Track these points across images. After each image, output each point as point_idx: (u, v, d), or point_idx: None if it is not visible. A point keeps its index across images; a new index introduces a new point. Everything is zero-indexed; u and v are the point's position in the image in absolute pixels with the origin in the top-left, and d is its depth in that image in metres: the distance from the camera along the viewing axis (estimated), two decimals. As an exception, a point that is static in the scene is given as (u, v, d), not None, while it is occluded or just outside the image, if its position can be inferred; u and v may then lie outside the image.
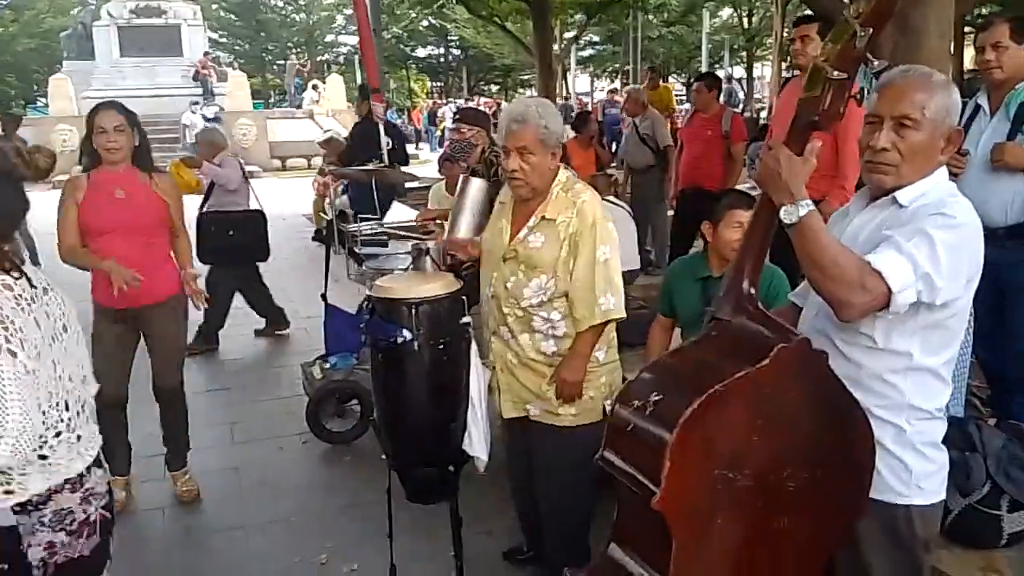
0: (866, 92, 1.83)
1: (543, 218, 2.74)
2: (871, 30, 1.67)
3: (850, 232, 1.90)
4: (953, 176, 2.96)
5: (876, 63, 1.70)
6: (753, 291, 1.84)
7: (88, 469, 1.89)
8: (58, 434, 1.84)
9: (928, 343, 1.81)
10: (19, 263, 1.85)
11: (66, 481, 1.84)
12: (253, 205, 6.35)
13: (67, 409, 1.88)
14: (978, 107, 3.58)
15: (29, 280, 1.84)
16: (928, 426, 1.87)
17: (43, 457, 1.81)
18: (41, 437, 1.78)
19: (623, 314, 2.74)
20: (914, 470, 1.86)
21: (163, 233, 3.80)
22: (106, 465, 2.01)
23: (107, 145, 3.57)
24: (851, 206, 2.04)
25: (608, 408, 2.72)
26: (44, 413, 1.79)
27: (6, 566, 1.78)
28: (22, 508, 1.78)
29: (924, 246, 1.68)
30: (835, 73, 1.70)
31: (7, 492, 1.76)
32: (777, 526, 1.75)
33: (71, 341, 1.94)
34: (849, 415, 1.76)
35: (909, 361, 1.81)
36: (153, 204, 3.72)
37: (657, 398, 1.75)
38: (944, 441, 1.93)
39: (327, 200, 10.33)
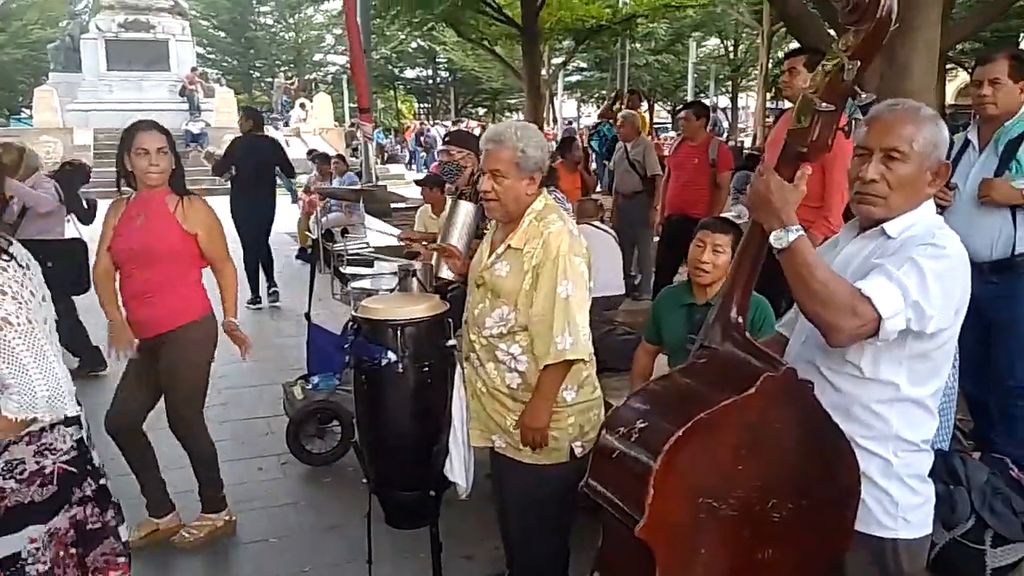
0: (853, 125, 1.85)
1: (509, 247, 2.65)
2: (859, 63, 1.68)
3: (839, 262, 1.91)
4: (940, 210, 3.00)
5: (864, 96, 1.72)
6: (741, 319, 1.84)
7: (52, 427, 2.07)
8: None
9: (915, 374, 1.82)
10: (6, 246, 2.05)
11: (26, 434, 2.02)
12: (71, 233, 5.94)
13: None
14: (967, 142, 3.63)
15: (15, 259, 2.05)
16: (915, 458, 1.87)
17: None
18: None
19: (583, 356, 2.55)
20: (900, 503, 1.86)
21: (182, 262, 3.51)
22: (82, 429, 2.17)
23: (149, 169, 3.37)
24: (840, 236, 2.06)
25: (576, 450, 2.65)
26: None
27: None
28: None
29: (914, 275, 1.69)
30: (823, 105, 1.72)
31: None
32: (762, 557, 1.74)
33: (48, 311, 2.15)
34: (835, 446, 1.76)
35: (896, 392, 1.81)
36: (170, 233, 3.45)
37: (643, 425, 1.74)
38: (929, 474, 1.93)
39: (312, 218, 10.36)
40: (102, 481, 2.23)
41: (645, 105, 16.12)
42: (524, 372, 2.65)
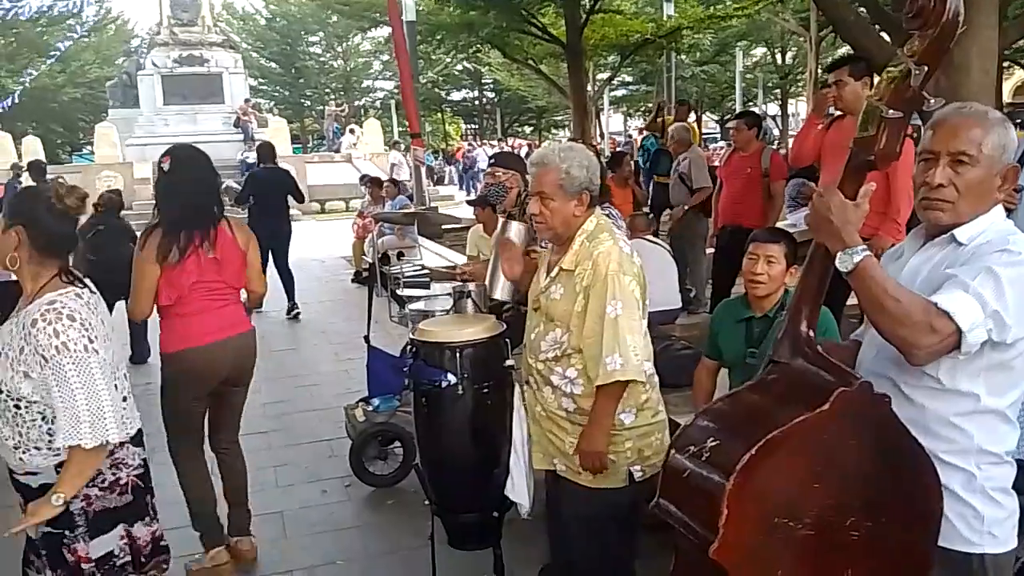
0: (922, 131, 1.81)
1: (561, 269, 2.63)
2: (926, 68, 1.65)
3: (907, 273, 1.86)
4: (1008, 211, 2.90)
5: (932, 101, 1.68)
6: (811, 333, 1.80)
7: (121, 444, 2.33)
8: (124, 399, 2.36)
9: (994, 384, 1.76)
10: (82, 276, 2.36)
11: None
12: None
13: (126, 379, 2.42)
14: None
15: (88, 288, 2.35)
16: (998, 471, 1.81)
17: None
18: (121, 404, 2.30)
19: (634, 376, 2.49)
20: (985, 517, 1.79)
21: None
22: (143, 445, 2.50)
23: None
24: (905, 246, 2.01)
25: (636, 474, 2.63)
26: (116, 388, 2.28)
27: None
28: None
29: (990, 284, 1.64)
30: (891, 112, 1.68)
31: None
32: (841, 577, 1.69)
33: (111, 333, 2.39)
34: (914, 460, 1.71)
35: (976, 403, 1.76)
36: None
37: (714, 444, 1.71)
38: (1012, 487, 1.86)
39: (367, 242, 10.49)
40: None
41: (693, 116, 15.91)
42: (579, 396, 2.63)
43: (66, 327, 2.15)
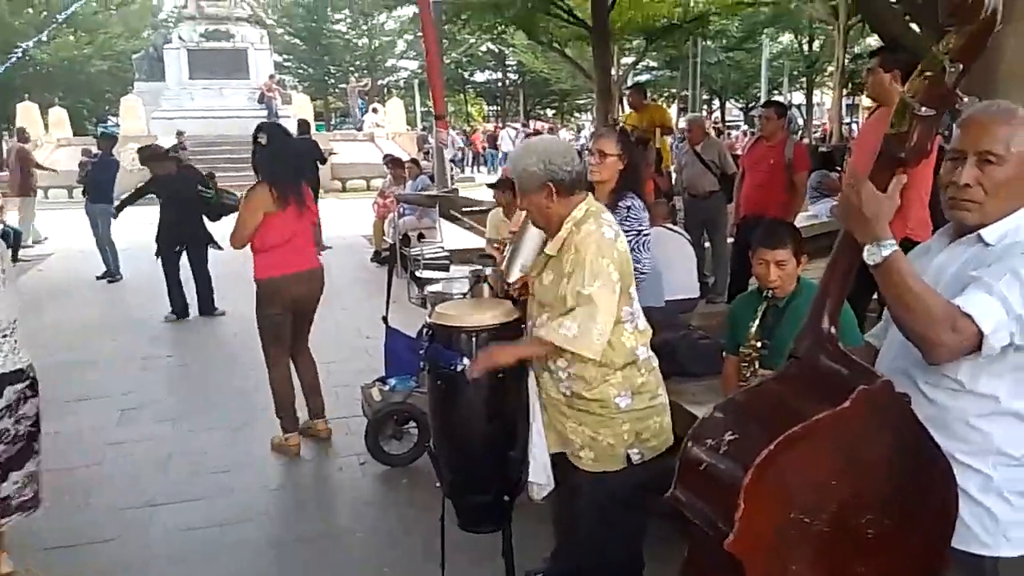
0: (954, 129, 1.78)
1: (547, 255, 2.71)
2: (961, 66, 1.62)
3: (933, 271, 1.84)
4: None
5: (966, 100, 1.65)
6: (834, 330, 1.79)
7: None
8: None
9: (1016, 386, 1.74)
10: None
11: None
12: None
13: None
14: None
15: None
16: (1016, 473, 1.79)
17: None
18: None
19: (584, 351, 2.53)
20: (1001, 519, 1.78)
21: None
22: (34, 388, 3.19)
23: None
24: (932, 243, 1.98)
25: (633, 457, 2.67)
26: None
27: None
28: None
29: (1016, 286, 1.63)
30: (923, 109, 1.66)
31: None
32: (855, 574, 1.69)
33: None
34: (932, 460, 1.70)
35: (996, 405, 1.74)
36: None
37: (732, 437, 1.71)
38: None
39: (387, 222, 10.51)
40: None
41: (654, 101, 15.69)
42: (574, 380, 2.70)
43: None
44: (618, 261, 2.60)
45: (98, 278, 10.34)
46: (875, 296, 3.60)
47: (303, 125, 13.66)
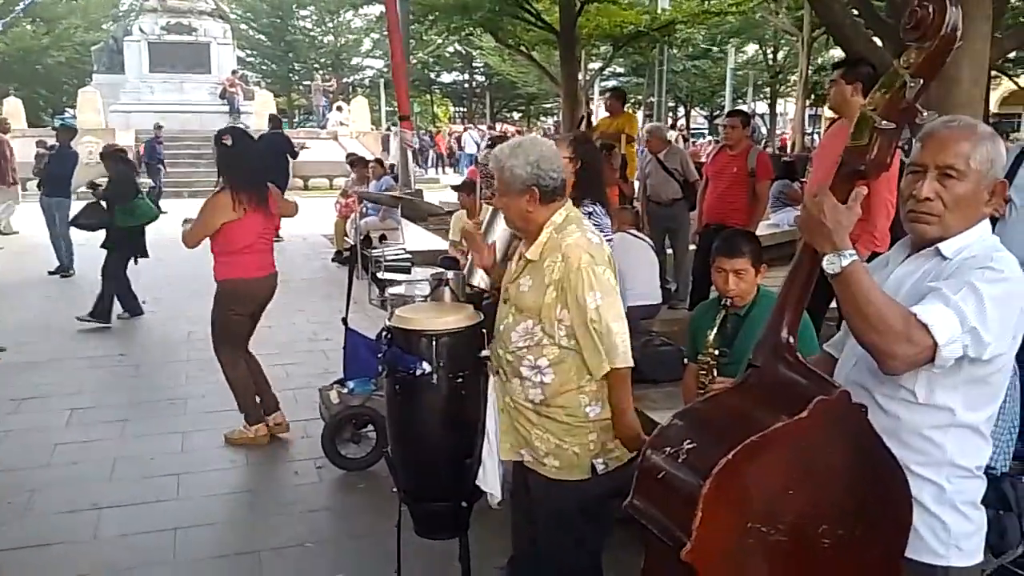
0: (913, 143, 1.80)
1: (527, 260, 2.64)
2: (921, 81, 1.64)
3: (892, 283, 1.86)
4: (993, 221, 2.91)
5: (925, 114, 1.67)
6: (792, 340, 1.80)
7: None
8: None
9: (970, 399, 1.76)
10: None
11: None
12: None
13: None
14: (1023, 152, 3.54)
15: None
16: (968, 484, 1.82)
17: None
18: None
19: (624, 364, 2.53)
20: (953, 530, 1.80)
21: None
22: None
23: None
24: (891, 256, 2.00)
25: (598, 467, 2.63)
26: None
27: None
28: None
29: (972, 300, 1.64)
30: (883, 123, 1.67)
31: None
32: (810, 583, 1.70)
33: None
34: (887, 471, 1.71)
35: (951, 417, 1.76)
36: None
37: (690, 446, 1.70)
38: (982, 501, 1.87)
39: (349, 222, 10.42)
40: None
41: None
42: (549, 384, 2.62)
43: None
44: (610, 263, 2.62)
45: (50, 273, 10.11)
46: (834, 306, 3.64)
47: (274, 120, 14.14)
